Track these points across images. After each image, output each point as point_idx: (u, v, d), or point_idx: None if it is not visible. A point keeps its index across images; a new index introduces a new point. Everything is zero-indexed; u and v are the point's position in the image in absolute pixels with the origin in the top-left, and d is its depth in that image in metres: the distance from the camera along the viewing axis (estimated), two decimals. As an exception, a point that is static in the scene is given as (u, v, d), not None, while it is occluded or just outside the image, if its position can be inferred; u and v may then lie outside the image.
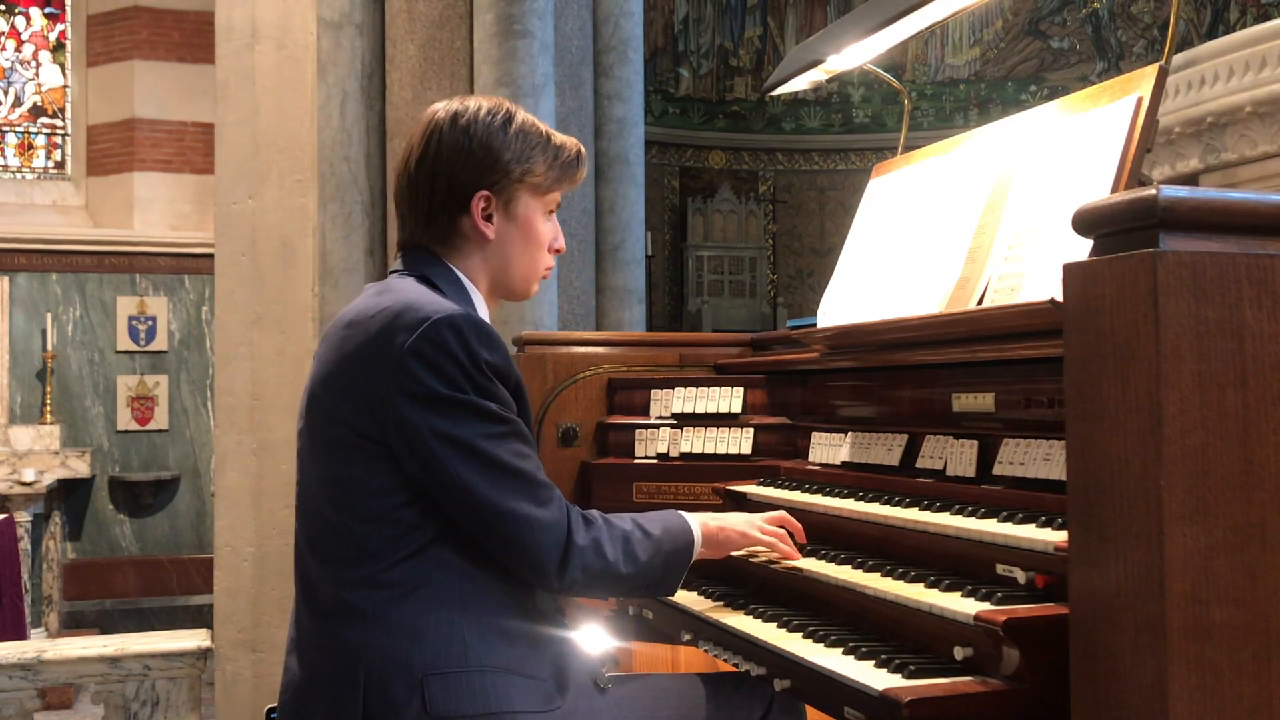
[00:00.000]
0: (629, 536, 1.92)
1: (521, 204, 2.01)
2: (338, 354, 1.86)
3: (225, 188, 4.72)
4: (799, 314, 10.58)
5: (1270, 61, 3.67)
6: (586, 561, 1.84)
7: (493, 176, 1.97)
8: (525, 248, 2.03)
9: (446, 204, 1.97)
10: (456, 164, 1.96)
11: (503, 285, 2.05)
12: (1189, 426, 1.30)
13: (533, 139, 2.01)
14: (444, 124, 1.98)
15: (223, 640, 4.57)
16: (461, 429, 1.77)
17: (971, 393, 2.12)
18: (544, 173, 2.02)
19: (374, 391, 1.78)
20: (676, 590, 2.04)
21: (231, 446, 4.64)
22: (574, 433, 3.00)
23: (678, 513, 2.06)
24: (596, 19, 5.02)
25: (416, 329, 1.77)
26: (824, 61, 2.79)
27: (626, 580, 1.91)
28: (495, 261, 2.02)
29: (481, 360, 1.79)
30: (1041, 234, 1.99)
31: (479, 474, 1.77)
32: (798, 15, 11.95)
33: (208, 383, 8.86)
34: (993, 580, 1.77)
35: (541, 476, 1.85)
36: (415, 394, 1.76)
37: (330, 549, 1.83)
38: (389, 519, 1.79)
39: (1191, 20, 10.44)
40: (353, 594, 1.78)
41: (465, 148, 1.96)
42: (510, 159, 1.97)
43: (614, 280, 5.01)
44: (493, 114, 1.99)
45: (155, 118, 9.19)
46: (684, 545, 2.01)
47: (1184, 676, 1.29)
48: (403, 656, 1.74)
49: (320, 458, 1.87)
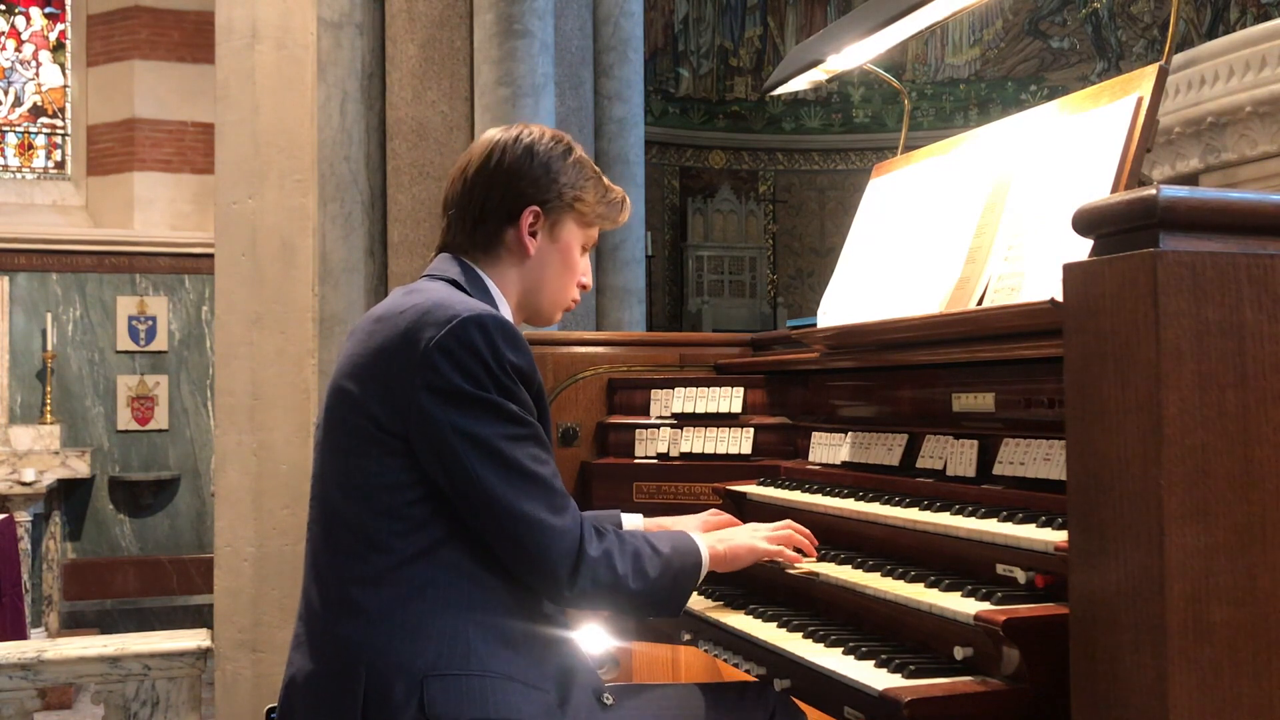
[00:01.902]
0: (639, 553, 1.91)
1: (566, 229, 2.09)
2: (365, 347, 1.89)
3: (225, 188, 4.72)
4: (799, 314, 10.58)
5: (1270, 61, 3.67)
6: (597, 573, 1.84)
7: (546, 195, 2.05)
8: (560, 272, 2.10)
9: (497, 212, 2.04)
10: (515, 176, 2.04)
11: (530, 305, 2.11)
12: (1189, 426, 1.30)
13: (587, 172, 2.11)
14: (508, 142, 2.07)
15: (223, 640, 4.57)
16: (482, 427, 1.78)
17: (971, 393, 2.12)
18: (593, 204, 2.10)
19: (398, 384, 1.80)
20: (680, 613, 2.03)
21: (231, 446, 4.63)
22: (574, 433, 3.00)
23: (686, 533, 2.05)
24: (596, 19, 5.02)
25: (444, 325, 1.80)
26: (824, 61, 2.79)
27: (633, 597, 1.91)
28: (530, 279, 2.08)
29: (506, 361, 1.81)
30: (1041, 234, 1.99)
31: (495, 473, 1.78)
32: (798, 15, 11.94)
33: (208, 383, 8.86)
34: (993, 580, 1.77)
35: (558, 484, 1.85)
36: (438, 389, 1.78)
37: (341, 541, 1.85)
38: (400, 514, 1.80)
39: (1191, 20, 10.44)
40: (359, 591, 1.79)
41: (526, 164, 2.05)
42: (565, 183, 2.06)
43: (614, 280, 5.01)
44: (555, 140, 2.09)
45: (155, 118, 9.19)
46: (692, 566, 2.00)
47: (1184, 676, 1.29)
48: (404, 657, 1.74)
49: (339, 449, 1.88)
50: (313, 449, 2.00)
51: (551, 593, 1.85)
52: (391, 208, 4.65)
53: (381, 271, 4.63)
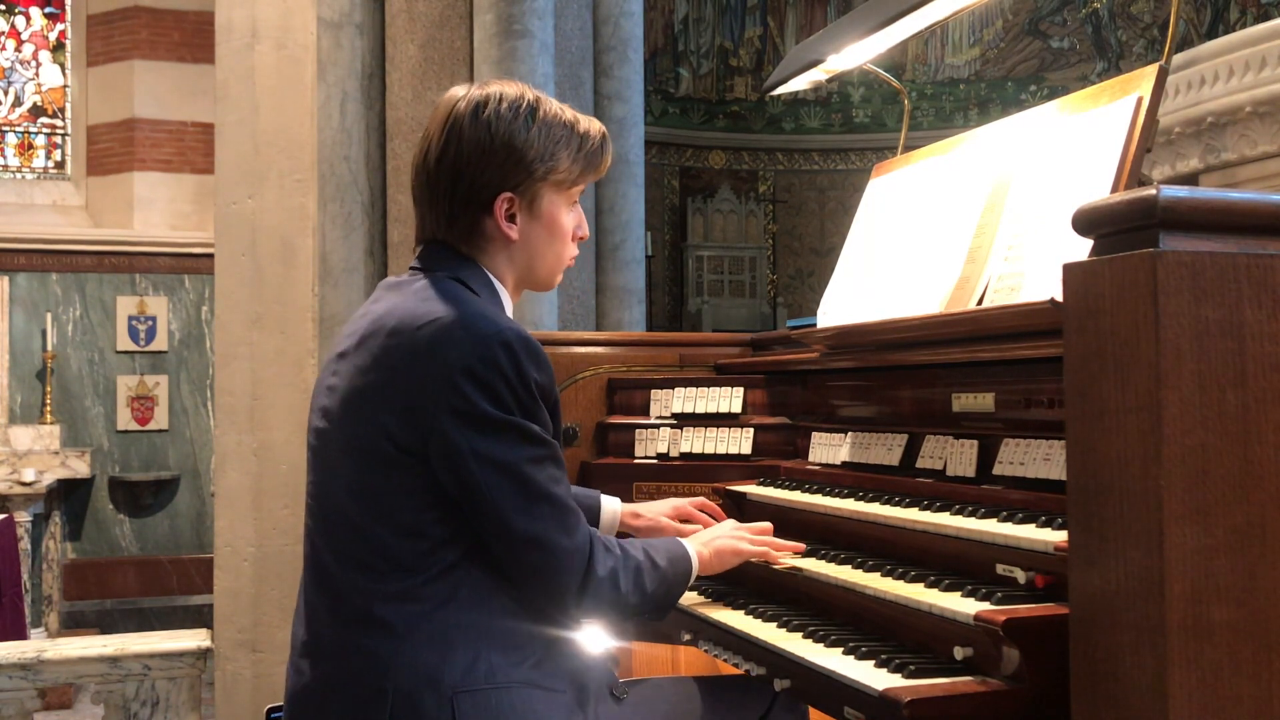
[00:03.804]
0: (640, 568, 1.92)
1: (545, 201, 1.96)
2: (380, 364, 1.81)
3: (225, 188, 4.72)
4: (799, 314, 10.59)
5: (1270, 61, 3.67)
6: (602, 592, 1.84)
7: (516, 178, 1.92)
8: (550, 243, 2.00)
9: (469, 205, 1.92)
10: (478, 164, 1.90)
11: (528, 280, 2.03)
12: (1189, 426, 1.30)
13: (556, 133, 1.95)
14: (465, 118, 1.91)
15: (223, 640, 4.57)
16: (503, 452, 1.75)
17: (971, 393, 2.12)
18: (569, 168, 1.97)
19: (420, 405, 1.75)
20: (665, 616, 2.06)
21: (231, 446, 4.63)
22: (574, 433, 3.00)
23: (679, 541, 2.07)
24: (596, 19, 5.02)
25: (470, 345, 1.75)
26: (824, 61, 2.79)
27: (630, 609, 1.92)
28: (521, 260, 1.99)
29: (531, 380, 1.77)
30: (1041, 234, 1.99)
31: (512, 499, 1.75)
32: (798, 15, 11.95)
33: (208, 383, 8.86)
34: (993, 580, 1.77)
35: (571, 503, 1.83)
36: (462, 412, 1.73)
37: (359, 557, 1.80)
38: (423, 533, 1.77)
39: (1191, 20, 10.44)
40: (383, 607, 1.75)
41: (487, 146, 1.90)
42: (534, 158, 1.92)
43: (614, 280, 5.01)
44: (515, 108, 1.92)
45: (155, 118, 9.19)
46: (683, 574, 2.02)
47: (1184, 676, 1.29)
48: (432, 672, 1.72)
49: (352, 463, 1.82)
50: (307, 450, 1.94)
51: (557, 609, 1.85)
52: (391, 208, 4.65)
53: (381, 271, 4.63)
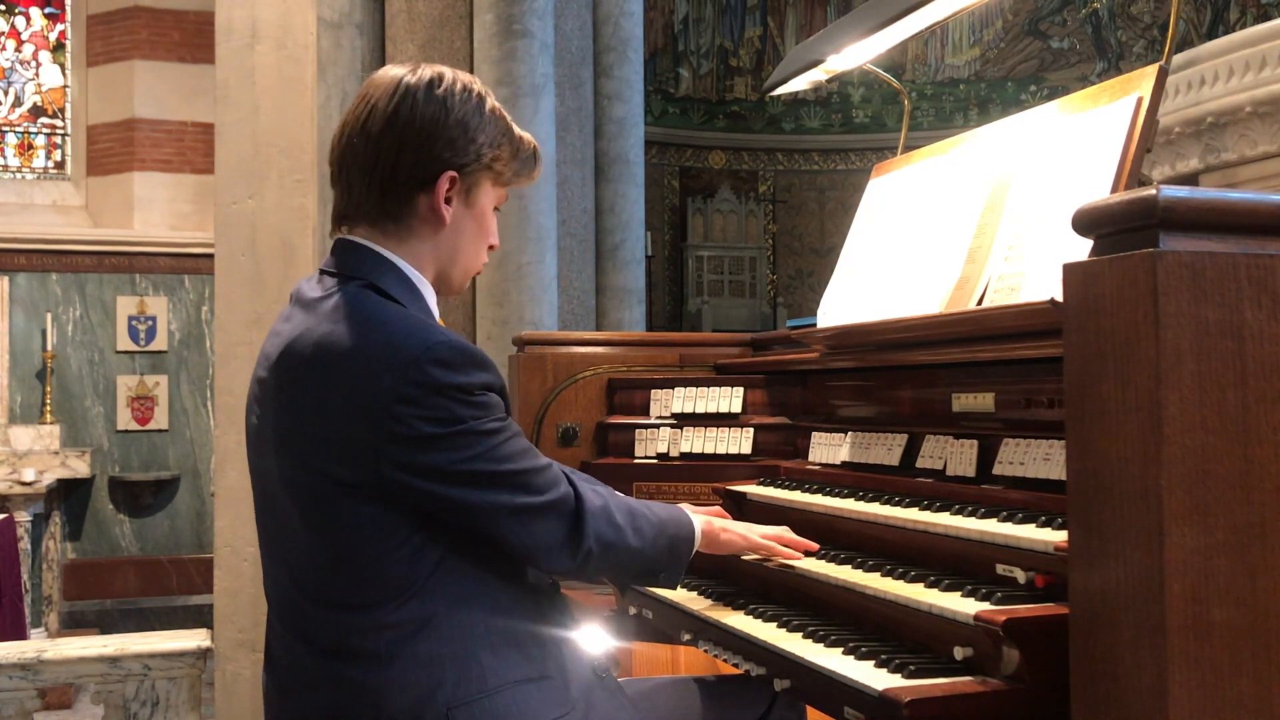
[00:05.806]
0: (633, 509, 1.89)
1: (483, 191, 1.89)
2: (304, 403, 1.72)
3: (225, 188, 4.72)
4: (799, 314, 10.59)
5: (1270, 61, 3.67)
6: (599, 528, 1.80)
7: (464, 158, 1.83)
8: (475, 240, 1.91)
9: (410, 178, 1.81)
10: (428, 137, 1.81)
11: (443, 278, 1.92)
12: (1189, 426, 1.30)
13: (502, 126, 1.89)
14: (419, 90, 1.82)
15: (223, 640, 4.57)
16: (459, 460, 1.68)
17: (971, 393, 2.12)
18: (508, 162, 1.90)
19: (357, 442, 1.66)
20: (678, 583, 2.03)
21: (231, 446, 4.63)
22: (574, 433, 3.00)
23: (676, 505, 2.06)
24: (596, 19, 5.02)
25: (400, 370, 1.65)
26: (824, 61, 2.79)
27: (636, 556, 1.88)
28: (445, 250, 1.88)
29: (473, 386, 1.69)
30: (1041, 234, 1.99)
31: (482, 492, 1.70)
32: (798, 15, 11.95)
33: (208, 383, 8.86)
34: (993, 580, 1.77)
35: (539, 461, 1.78)
36: (407, 438, 1.65)
37: (327, 592, 1.74)
38: (391, 557, 1.70)
39: (1191, 20, 10.44)
40: (362, 639, 1.70)
41: (442, 120, 1.81)
42: (484, 142, 1.85)
43: (614, 280, 5.01)
44: (469, 90, 1.86)
45: (155, 118, 9.19)
46: (685, 534, 1.99)
47: (1184, 676, 1.29)
48: (424, 690, 1.69)
49: (301, 506, 1.74)
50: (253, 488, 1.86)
51: (562, 560, 1.80)
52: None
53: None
